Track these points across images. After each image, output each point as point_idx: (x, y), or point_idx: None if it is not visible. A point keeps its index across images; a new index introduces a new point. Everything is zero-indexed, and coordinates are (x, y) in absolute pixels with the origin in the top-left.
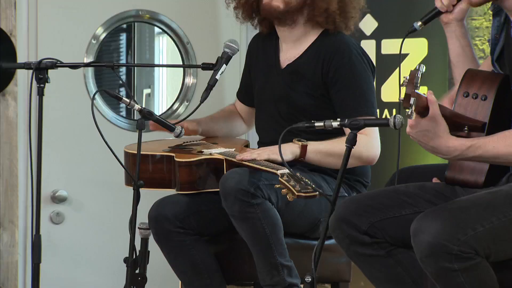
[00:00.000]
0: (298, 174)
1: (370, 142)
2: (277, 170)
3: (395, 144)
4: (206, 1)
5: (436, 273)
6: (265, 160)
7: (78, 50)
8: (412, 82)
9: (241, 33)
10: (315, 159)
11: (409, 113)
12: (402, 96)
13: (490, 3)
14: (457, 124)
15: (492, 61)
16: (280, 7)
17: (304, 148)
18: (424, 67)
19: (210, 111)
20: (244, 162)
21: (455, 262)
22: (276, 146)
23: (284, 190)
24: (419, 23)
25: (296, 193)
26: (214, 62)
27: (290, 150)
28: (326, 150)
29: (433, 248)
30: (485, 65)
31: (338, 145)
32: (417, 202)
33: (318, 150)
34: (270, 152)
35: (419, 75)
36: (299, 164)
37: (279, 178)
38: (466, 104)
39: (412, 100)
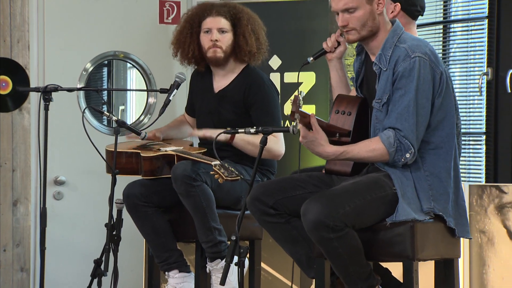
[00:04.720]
0: (226, 165)
1: (277, 142)
2: (212, 161)
3: (294, 147)
4: (164, 46)
5: (318, 240)
6: (210, 136)
7: (73, 78)
8: (295, 102)
9: (188, 67)
10: (239, 144)
11: (294, 124)
12: (289, 112)
13: (356, 44)
14: (331, 132)
15: (356, 87)
16: (222, 56)
17: (233, 135)
18: (304, 93)
19: (166, 121)
20: (187, 156)
21: (331, 232)
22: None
23: (216, 175)
24: (311, 58)
25: (224, 178)
26: (168, 87)
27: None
28: (247, 139)
29: (315, 224)
30: (353, 91)
31: (257, 139)
32: (307, 186)
33: (242, 138)
34: (213, 132)
35: (301, 98)
36: (227, 158)
37: (213, 167)
38: (337, 118)
39: (296, 116)
